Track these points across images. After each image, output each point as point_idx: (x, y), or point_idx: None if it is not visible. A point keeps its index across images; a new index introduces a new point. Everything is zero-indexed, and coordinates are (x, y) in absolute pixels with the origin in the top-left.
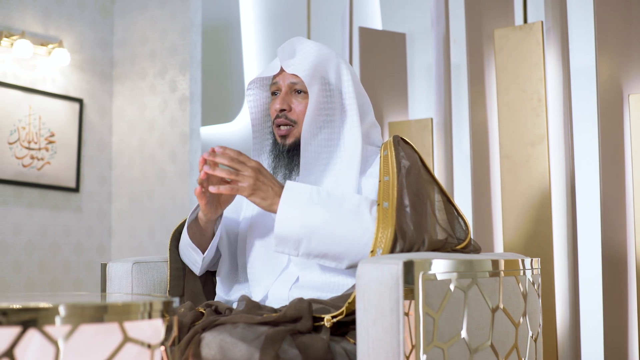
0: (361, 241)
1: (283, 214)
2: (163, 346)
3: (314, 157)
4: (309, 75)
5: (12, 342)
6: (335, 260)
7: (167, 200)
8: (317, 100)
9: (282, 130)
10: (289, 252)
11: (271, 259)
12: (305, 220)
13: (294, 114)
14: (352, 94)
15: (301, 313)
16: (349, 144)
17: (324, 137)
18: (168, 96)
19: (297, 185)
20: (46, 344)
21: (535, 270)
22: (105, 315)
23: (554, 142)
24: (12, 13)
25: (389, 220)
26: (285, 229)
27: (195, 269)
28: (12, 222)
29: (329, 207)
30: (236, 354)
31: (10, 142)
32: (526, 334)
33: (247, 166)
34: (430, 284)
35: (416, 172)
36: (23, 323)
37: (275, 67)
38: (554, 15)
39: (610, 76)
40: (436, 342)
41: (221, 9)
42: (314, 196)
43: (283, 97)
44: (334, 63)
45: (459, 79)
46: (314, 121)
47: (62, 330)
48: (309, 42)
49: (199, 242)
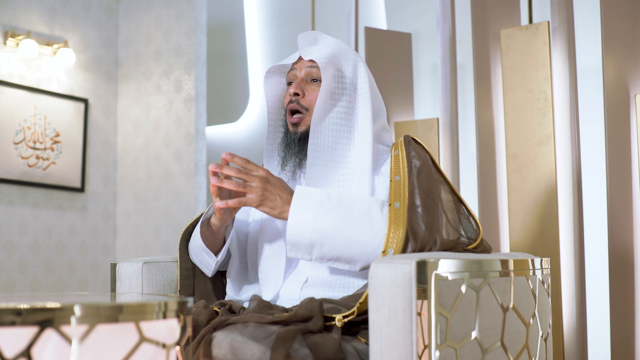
0: (373, 244)
1: (294, 220)
2: (178, 346)
3: (322, 140)
4: (325, 63)
5: (30, 342)
6: (348, 263)
7: (172, 200)
8: (329, 85)
9: (294, 118)
10: (302, 256)
11: (281, 259)
12: (317, 225)
13: (306, 101)
14: (367, 90)
15: (312, 312)
16: (359, 134)
17: (333, 121)
18: (173, 96)
19: (307, 189)
20: (63, 344)
21: (545, 270)
22: (120, 315)
23: (560, 142)
24: (17, 13)
25: (400, 221)
26: (297, 235)
27: (208, 271)
28: (18, 222)
29: (340, 211)
30: (247, 354)
31: (16, 142)
32: (537, 334)
33: (254, 176)
34: (443, 283)
35: (427, 172)
36: (40, 323)
37: (294, 56)
38: (560, 15)
39: (617, 76)
40: (449, 342)
41: (226, 9)
42: (324, 200)
43: (298, 83)
44: (352, 59)
45: (464, 79)
46: (325, 104)
47: (78, 330)
48: (331, 37)
49: (211, 245)
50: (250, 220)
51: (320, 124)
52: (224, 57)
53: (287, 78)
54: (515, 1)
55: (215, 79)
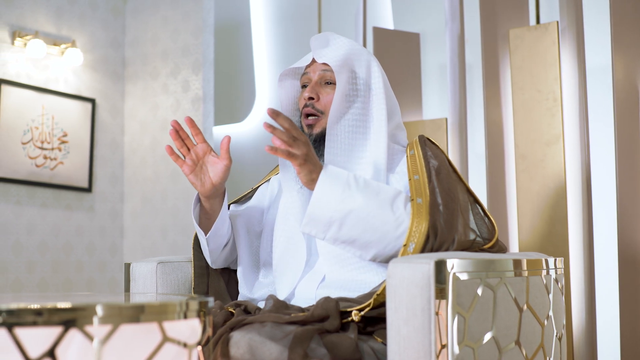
0: (394, 233)
1: (320, 194)
2: (200, 346)
3: (338, 143)
4: (339, 65)
5: (54, 342)
6: (361, 249)
7: (179, 200)
8: (343, 88)
9: (309, 120)
10: (315, 233)
11: (297, 259)
12: (342, 204)
13: (321, 104)
14: (381, 90)
15: (329, 312)
16: (374, 135)
17: (348, 123)
18: (181, 96)
19: (336, 169)
20: (87, 344)
21: (559, 270)
22: (142, 315)
23: (569, 142)
24: (25, 13)
25: (423, 216)
26: (320, 210)
27: (207, 257)
28: (26, 222)
29: (366, 194)
30: (265, 353)
31: (24, 142)
32: (551, 334)
33: (301, 138)
34: (460, 283)
35: (446, 172)
36: (64, 323)
37: (307, 59)
38: (569, 15)
39: (626, 75)
40: (467, 342)
41: (232, 9)
42: (351, 182)
43: (312, 87)
44: (365, 59)
45: (472, 79)
46: (340, 107)
47: (102, 330)
48: (343, 37)
49: (205, 227)
50: (264, 220)
51: (335, 127)
52: (230, 57)
53: (301, 81)
54: (524, 1)
55: (222, 79)
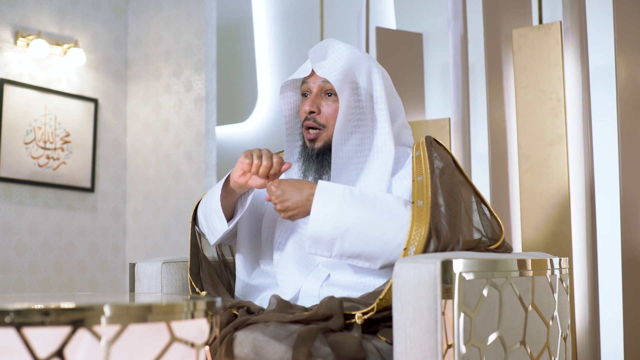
0: (395, 241)
1: (316, 214)
2: (207, 346)
3: (345, 162)
4: (339, 80)
5: (63, 342)
6: (369, 260)
7: (182, 200)
8: (347, 106)
9: (311, 134)
10: (322, 253)
11: (302, 257)
12: (339, 220)
13: (323, 118)
14: (383, 98)
15: (332, 311)
16: (381, 148)
17: (355, 142)
18: (183, 96)
19: (330, 184)
20: (95, 344)
21: (564, 270)
22: (150, 315)
23: (573, 142)
24: (28, 13)
25: (423, 218)
26: (319, 230)
27: (212, 238)
28: (29, 222)
29: (362, 207)
30: (269, 352)
31: (27, 142)
32: (557, 333)
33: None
34: (467, 283)
35: (450, 173)
36: (73, 323)
37: (306, 69)
38: (572, 15)
39: (629, 75)
40: (473, 341)
41: (235, 9)
42: (347, 196)
43: (312, 99)
44: (365, 67)
45: (475, 79)
46: (345, 127)
47: (111, 330)
48: (342, 44)
49: (223, 208)
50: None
51: (342, 145)
52: (232, 57)
53: (301, 89)
54: (527, 1)
55: (225, 79)
